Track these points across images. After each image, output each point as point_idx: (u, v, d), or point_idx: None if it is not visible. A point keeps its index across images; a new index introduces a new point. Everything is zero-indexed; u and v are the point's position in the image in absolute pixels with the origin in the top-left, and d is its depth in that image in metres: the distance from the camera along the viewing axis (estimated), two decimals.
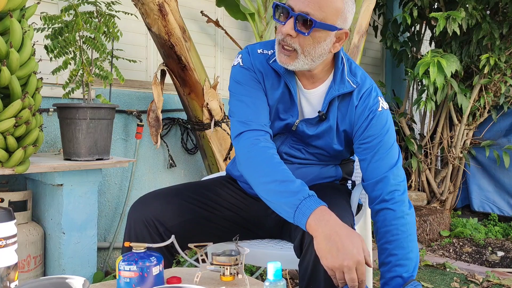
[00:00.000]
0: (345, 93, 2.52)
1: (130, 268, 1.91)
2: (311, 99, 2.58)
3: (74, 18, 3.71)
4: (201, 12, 5.43)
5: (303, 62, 2.40)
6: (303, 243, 2.21)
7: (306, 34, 2.31)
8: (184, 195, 2.63)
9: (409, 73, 6.49)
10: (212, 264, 2.15)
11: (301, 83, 2.57)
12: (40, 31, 3.73)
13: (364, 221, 2.93)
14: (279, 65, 2.50)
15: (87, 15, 3.80)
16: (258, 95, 2.55)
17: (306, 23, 2.30)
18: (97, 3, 3.88)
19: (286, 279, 4.33)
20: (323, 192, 2.42)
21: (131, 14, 4.17)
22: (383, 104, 2.56)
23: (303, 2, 2.29)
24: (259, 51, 2.62)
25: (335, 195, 2.46)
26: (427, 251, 5.78)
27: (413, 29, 7.38)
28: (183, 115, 5.30)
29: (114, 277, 4.13)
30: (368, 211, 3.01)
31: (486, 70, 6.27)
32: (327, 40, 2.38)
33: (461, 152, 7.05)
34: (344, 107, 2.54)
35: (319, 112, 2.53)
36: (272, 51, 2.59)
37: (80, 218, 3.78)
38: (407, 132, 7.24)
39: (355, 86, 2.52)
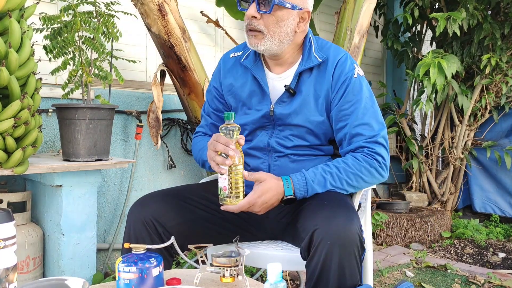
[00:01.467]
0: (319, 66, 2.65)
1: (129, 270, 1.91)
2: (284, 81, 2.70)
3: (73, 18, 3.71)
4: (201, 12, 5.44)
5: (270, 43, 2.58)
6: (311, 245, 2.22)
7: (268, 12, 2.51)
8: (184, 196, 2.64)
9: (410, 74, 6.49)
10: (212, 265, 2.16)
11: (272, 71, 2.74)
12: (39, 31, 3.73)
13: (364, 221, 2.93)
14: (248, 61, 2.75)
15: (86, 15, 3.80)
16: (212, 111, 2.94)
17: (266, 2, 2.51)
18: (96, 3, 3.88)
19: (287, 280, 4.33)
20: (325, 192, 2.46)
21: (131, 14, 4.17)
22: (359, 71, 2.68)
23: None
24: (232, 55, 2.90)
25: (338, 195, 2.47)
26: (428, 252, 5.78)
27: (414, 29, 7.39)
28: (182, 116, 5.30)
29: (114, 278, 4.13)
30: (368, 210, 3.02)
31: (487, 71, 6.28)
32: (290, 18, 2.57)
33: (462, 153, 7.06)
34: (320, 77, 2.64)
35: (285, 86, 2.64)
36: (242, 51, 2.84)
37: (79, 219, 3.78)
38: (408, 132, 7.25)
39: (320, 60, 2.63)
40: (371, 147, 2.56)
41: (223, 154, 2.35)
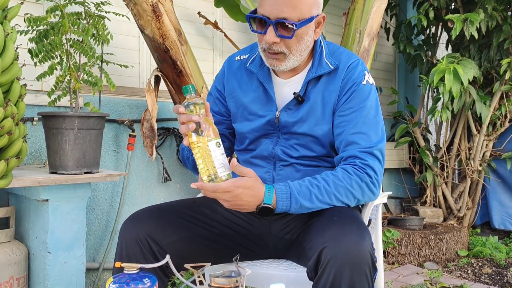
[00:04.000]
0: (330, 72, 2.66)
1: None
2: (292, 87, 2.72)
3: (61, 20, 3.71)
4: (198, 13, 5.44)
5: (293, 61, 2.61)
6: (319, 264, 2.21)
7: (290, 37, 2.50)
8: (180, 211, 2.64)
9: (424, 80, 6.48)
10: (210, 286, 2.15)
11: (279, 76, 2.75)
12: (23, 33, 3.73)
13: (375, 238, 2.93)
14: (254, 65, 2.76)
15: (75, 17, 3.80)
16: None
17: (286, 27, 2.48)
18: (86, 4, 3.88)
19: None
20: (334, 207, 2.45)
21: (123, 15, 4.17)
22: (369, 79, 2.68)
23: (276, 9, 2.47)
24: (237, 58, 2.90)
25: (348, 211, 2.47)
26: (443, 272, 5.77)
27: (428, 31, 7.38)
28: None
29: None
30: (379, 226, 3.01)
31: (507, 76, 6.27)
32: (309, 32, 2.59)
33: (480, 165, 7.04)
34: (330, 83, 2.65)
35: (294, 93, 2.65)
36: (248, 54, 2.84)
37: (67, 236, 3.77)
38: (422, 143, 7.24)
39: (332, 67, 2.64)
40: (364, 159, 2.54)
41: (199, 132, 2.34)
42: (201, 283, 2.19)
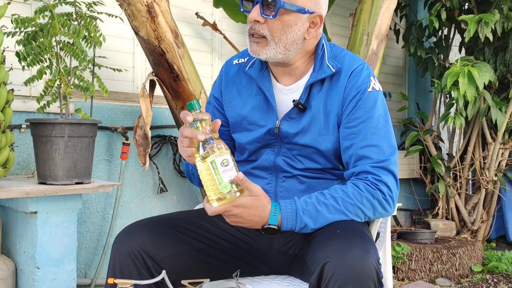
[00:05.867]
0: (332, 77, 2.64)
1: None
2: (294, 94, 2.69)
3: (50, 21, 3.71)
4: (196, 13, 5.45)
5: (274, 51, 2.56)
6: (321, 280, 2.21)
7: (273, 16, 2.49)
8: (176, 224, 2.64)
9: (436, 84, 6.48)
10: None
11: (280, 82, 2.73)
12: (11, 35, 3.73)
13: (384, 253, 2.93)
14: (253, 70, 2.72)
15: (65, 17, 3.81)
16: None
17: (272, 5, 2.48)
18: (77, 4, 3.89)
19: None
20: (341, 221, 2.45)
21: (116, 16, 4.17)
22: (375, 85, 2.65)
23: None
24: (235, 62, 2.88)
25: (353, 223, 2.46)
26: None
27: (440, 33, 7.39)
28: (175, 132, 5.31)
29: None
30: (388, 240, 3.01)
31: None
32: (298, 23, 2.55)
33: (496, 175, 7.04)
34: (332, 90, 2.63)
35: (293, 101, 2.63)
36: (247, 57, 2.81)
37: (57, 251, 3.78)
38: (434, 152, 7.24)
39: (334, 70, 2.62)
40: (377, 174, 2.52)
41: (205, 147, 2.30)
42: None
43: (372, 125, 2.57)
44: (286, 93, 2.71)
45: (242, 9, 2.65)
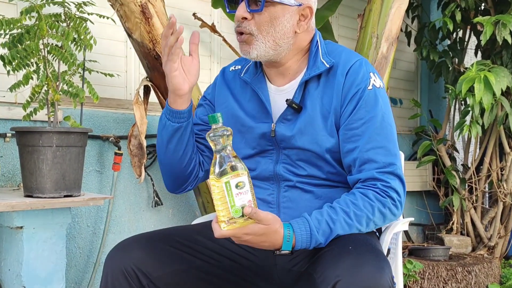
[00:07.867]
0: (328, 74, 2.65)
1: None
2: (288, 96, 2.70)
3: (37, 22, 3.72)
4: (194, 14, 5.45)
5: (264, 45, 2.59)
6: None
7: (260, 9, 2.53)
8: (172, 240, 2.64)
9: (450, 91, 6.48)
10: None
11: (274, 84, 2.75)
12: None
13: (395, 271, 2.92)
14: (248, 75, 2.77)
15: (53, 19, 3.81)
16: None
17: (258, 1, 2.53)
18: (65, 4, 3.89)
19: None
20: (350, 235, 2.44)
21: (107, 18, 4.17)
22: (375, 82, 2.64)
23: None
24: (231, 68, 2.95)
25: (365, 238, 2.46)
26: None
27: (455, 36, 7.38)
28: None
29: None
30: (399, 257, 3.01)
31: None
32: (286, 15, 2.58)
33: None
34: (329, 87, 2.64)
35: (286, 100, 2.64)
36: (243, 64, 2.88)
37: (44, 268, 3.77)
38: (448, 162, 7.22)
39: (328, 66, 2.63)
40: (386, 181, 2.52)
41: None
42: None
43: (376, 125, 2.57)
44: (280, 94, 2.71)
45: (228, 11, 2.71)
